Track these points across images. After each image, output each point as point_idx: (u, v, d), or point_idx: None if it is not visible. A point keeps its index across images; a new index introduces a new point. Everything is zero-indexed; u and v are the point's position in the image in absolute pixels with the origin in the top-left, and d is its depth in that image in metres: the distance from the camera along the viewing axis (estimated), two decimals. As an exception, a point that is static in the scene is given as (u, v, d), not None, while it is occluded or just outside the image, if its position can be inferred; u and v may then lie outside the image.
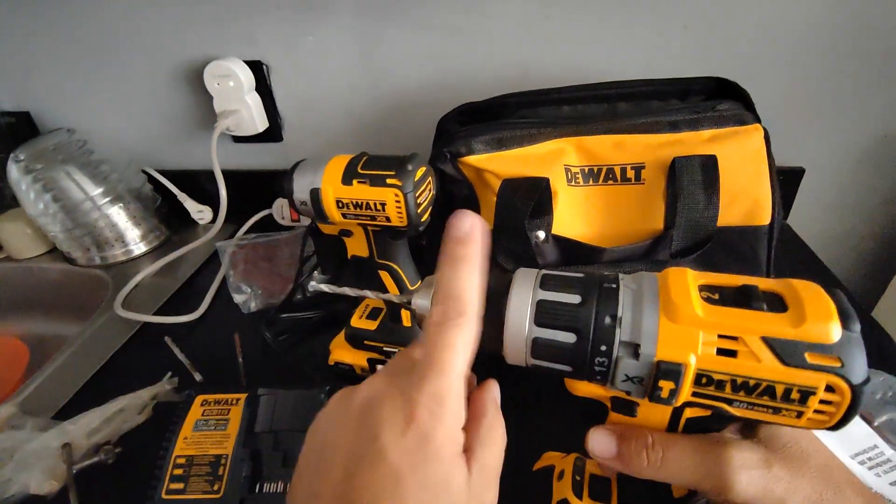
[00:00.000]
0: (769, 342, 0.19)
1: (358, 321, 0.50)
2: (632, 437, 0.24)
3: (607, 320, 0.21)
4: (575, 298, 0.22)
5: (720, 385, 0.20)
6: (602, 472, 0.30)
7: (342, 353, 0.50)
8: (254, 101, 0.71)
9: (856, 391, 0.18)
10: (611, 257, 0.48)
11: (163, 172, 0.79)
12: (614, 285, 0.22)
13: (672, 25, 0.60)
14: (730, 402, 0.20)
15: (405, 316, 0.48)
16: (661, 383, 0.20)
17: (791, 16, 0.58)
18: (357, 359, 0.49)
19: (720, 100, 0.51)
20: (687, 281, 0.21)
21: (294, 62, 0.70)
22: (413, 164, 0.39)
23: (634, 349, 0.21)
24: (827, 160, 0.68)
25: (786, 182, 0.68)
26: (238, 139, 0.76)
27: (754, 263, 0.50)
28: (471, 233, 0.22)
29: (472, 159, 0.50)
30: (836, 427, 0.19)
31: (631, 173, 0.49)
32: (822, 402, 0.19)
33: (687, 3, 0.59)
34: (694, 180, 0.46)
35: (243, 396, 0.42)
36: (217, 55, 0.69)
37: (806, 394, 0.19)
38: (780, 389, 0.19)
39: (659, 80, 0.52)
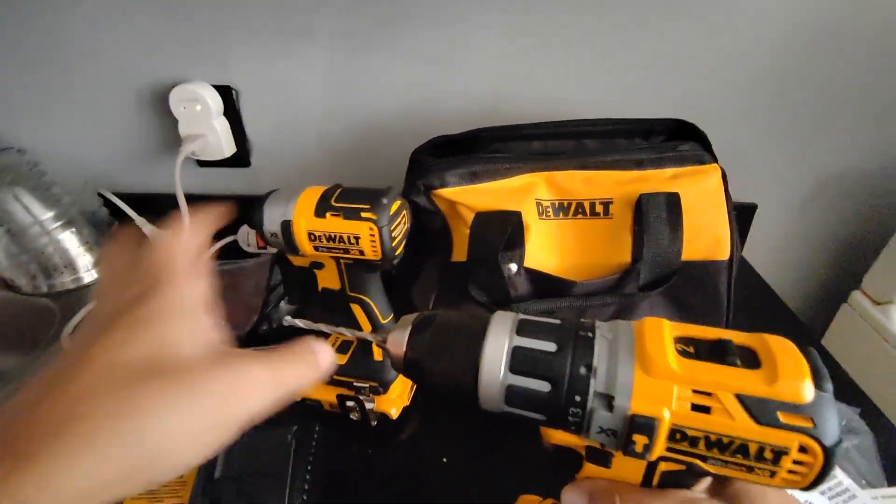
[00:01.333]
0: (742, 399, 0.19)
1: (327, 355, 0.49)
2: (600, 497, 0.24)
3: (582, 370, 0.21)
4: (550, 346, 0.22)
5: (694, 441, 0.20)
6: None
7: (313, 388, 0.48)
8: (221, 125, 0.70)
9: (828, 452, 0.18)
10: (582, 290, 0.49)
11: (121, 196, 0.76)
12: (590, 334, 0.22)
13: (637, 67, 0.64)
14: (703, 458, 0.20)
15: (376, 350, 0.47)
16: (635, 437, 0.20)
17: (742, 61, 0.62)
18: (326, 394, 0.48)
19: (681, 140, 0.54)
20: (663, 333, 0.21)
21: (265, 88, 0.69)
22: (388, 197, 0.38)
23: (609, 401, 0.20)
24: (777, 197, 0.72)
25: (740, 217, 0.70)
26: (203, 163, 0.74)
27: (715, 296, 0.52)
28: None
29: (446, 192, 0.50)
30: (809, 487, 0.19)
31: (600, 208, 0.51)
32: (795, 462, 0.19)
33: (649, 48, 0.62)
34: (659, 216, 0.48)
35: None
36: (185, 78, 0.68)
37: (779, 453, 0.19)
38: (753, 448, 0.19)
39: (624, 120, 0.55)
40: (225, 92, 0.69)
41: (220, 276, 0.66)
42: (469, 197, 0.50)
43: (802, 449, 0.18)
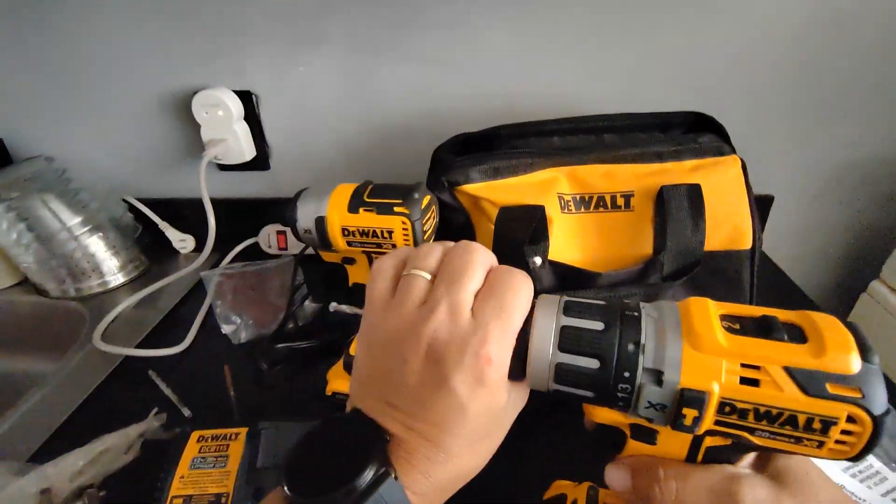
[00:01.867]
0: (791, 372, 0.20)
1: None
2: (644, 471, 0.24)
3: (630, 347, 0.22)
4: (598, 325, 0.23)
5: (743, 414, 0.20)
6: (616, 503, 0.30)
7: (340, 382, 0.49)
8: (242, 130, 0.71)
9: (877, 422, 0.19)
10: (606, 281, 0.50)
11: (144, 201, 0.78)
12: (636, 313, 0.23)
13: (649, 61, 0.64)
14: (752, 430, 0.21)
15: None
16: (685, 411, 0.20)
17: (756, 53, 0.63)
18: (356, 388, 0.49)
19: (698, 132, 0.54)
20: (709, 310, 0.22)
21: (284, 92, 0.70)
22: (419, 192, 0.39)
23: (658, 376, 0.21)
24: (794, 188, 0.72)
25: (757, 208, 0.72)
26: (224, 167, 0.76)
27: (738, 286, 0.52)
28: None
29: (469, 188, 0.51)
30: (856, 458, 0.20)
31: (621, 201, 0.51)
32: (843, 432, 0.19)
33: (663, 40, 0.63)
34: (681, 207, 0.49)
35: (243, 431, 0.41)
36: (205, 85, 0.69)
37: (827, 424, 0.19)
38: (802, 419, 0.19)
39: (642, 114, 0.56)
40: (245, 97, 0.70)
41: (245, 277, 0.67)
42: (492, 192, 0.51)
43: (851, 419, 0.19)
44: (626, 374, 0.22)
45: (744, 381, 0.20)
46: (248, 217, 0.77)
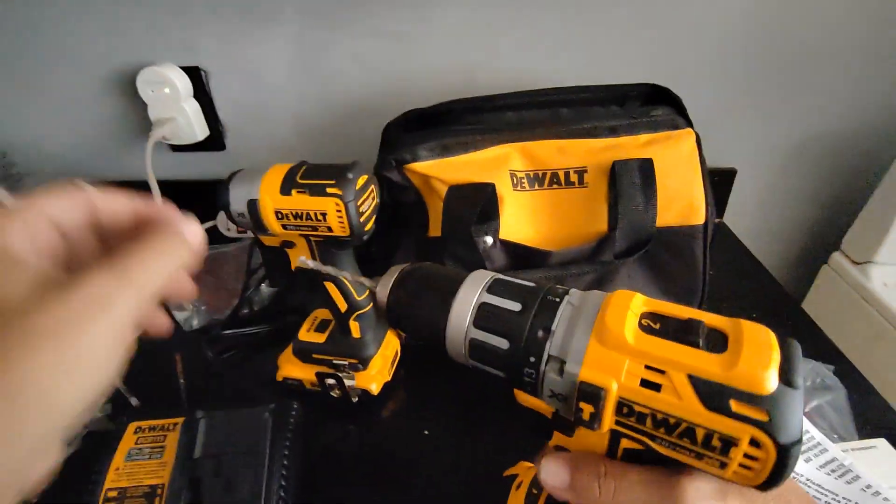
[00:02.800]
0: (694, 381, 0.18)
1: (306, 334, 0.49)
2: (584, 468, 0.23)
3: (540, 332, 0.21)
4: (516, 306, 0.22)
5: (641, 418, 0.19)
6: None
7: (291, 367, 0.49)
8: (192, 108, 0.68)
9: (782, 451, 0.17)
10: (558, 260, 0.49)
11: (94, 184, 0.75)
12: (557, 299, 0.22)
13: (608, 33, 0.62)
14: (652, 437, 0.19)
15: (354, 327, 0.47)
16: (582, 405, 0.20)
17: (716, 23, 0.61)
18: (306, 373, 0.48)
19: (655, 105, 0.53)
20: (629, 306, 0.21)
21: (235, 68, 0.67)
22: (353, 172, 0.38)
23: (560, 365, 0.20)
24: (756, 161, 0.72)
25: (720, 182, 0.71)
26: (176, 148, 0.73)
27: (692, 260, 0.52)
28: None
29: (418, 166, 0.50)
30: (764, 486, 0.18)
31: (574, 177, 0.50)
32: (746, 455, 0.18)
33: (621, 12, 0.61)
34: (633, 183, 0.48)
35: (180, 420, 0.40)
36: (151, 61, 0.66)
37: (727, 443, 0.18)
38: (700, 433, 0.18)
39: (599, 87, 0.54)
40: (193, 73, 0.67)
41: (201, 262, 0.65)
42: (442, 170, 0.50)
43: (754, 443, 0.17)
44: (532, 359, 0.21)
45: (645, 383, 0.19)
46: (204, 199, 0.74)
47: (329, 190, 0.37)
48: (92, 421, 0.46)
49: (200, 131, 0.70)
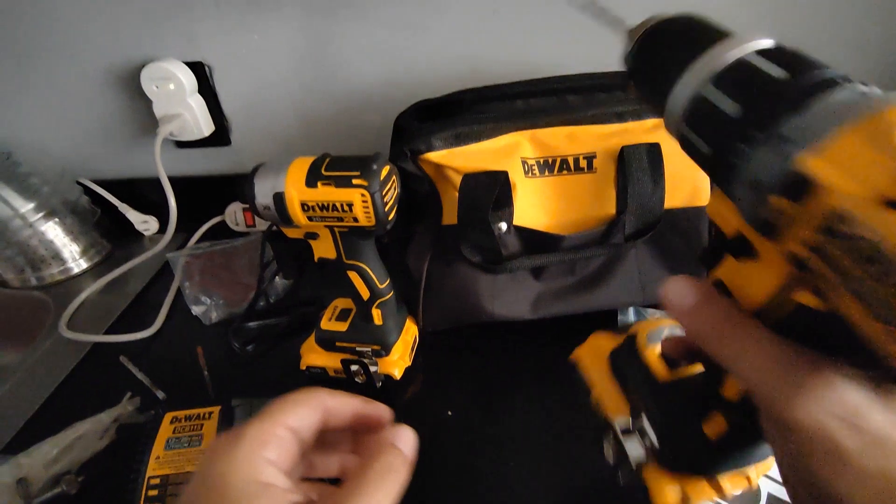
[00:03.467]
0: None
1: (328, 323, 0.50)
2: (717, 301, 0.20)
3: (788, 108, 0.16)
4: (781, 73, 0.18)
5: (853, 248, 0.13)
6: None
7: (313, 356, 0.50)
8: (197, 103, 0.68)
9: None
10: (570, 244, 0.51)
11: (100, 183, 0.75)
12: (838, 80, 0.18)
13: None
14: (844, 280, 0.14)
15: (376, 314, 0.48)
16: (782, 200, 0.15)
17: (717, 8, 0.62)
18: (329, 361, 0.49)
19: (660, 90, 0.54)
20: None
21: (239, 62, 0.67)
22: (378, 163, 0.39)
23: (789, 149, 0.16)
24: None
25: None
26: (182, 144, 0.73)
27: (698, 241, 0.54)
28: None
29: (432, 156, 0.51)
30: None
31: (583, 163, 0.52)
32: None
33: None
34: (641, 167, 0.49)
35: (216, 409, 0.41)
36: (154, 56, 0.66)
37: None
38: None
39: (604, 73, 0.55)
40: (197, 68, 0.67)
41: (213, 257, 0.66)
42: (455, 159, 0.51)
43: None
44: (759, 134, 0.16)
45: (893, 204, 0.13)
46: (212, 195, 0.75)
47: (355, 181, 0.38)
48: (122, 414, 0.47)
49: (206, 127, 0.70)
